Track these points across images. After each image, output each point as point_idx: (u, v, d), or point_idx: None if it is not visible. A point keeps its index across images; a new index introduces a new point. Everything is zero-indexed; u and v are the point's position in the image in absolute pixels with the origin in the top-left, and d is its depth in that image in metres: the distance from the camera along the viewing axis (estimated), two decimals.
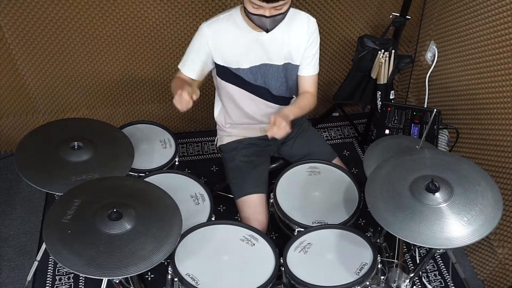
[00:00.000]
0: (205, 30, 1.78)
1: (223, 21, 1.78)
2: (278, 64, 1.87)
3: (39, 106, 2.62)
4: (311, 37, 1.86)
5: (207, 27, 1.78)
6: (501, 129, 2.11)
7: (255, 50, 1.81)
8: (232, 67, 1.84)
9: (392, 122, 2.21)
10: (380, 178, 1.58)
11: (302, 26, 1.83)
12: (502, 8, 2.01)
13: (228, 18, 1.78)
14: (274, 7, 1.60)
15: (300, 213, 1.83)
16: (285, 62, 1.87)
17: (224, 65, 1.84)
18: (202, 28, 1.79)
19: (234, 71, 1.84)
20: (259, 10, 1.61)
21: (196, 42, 1.82)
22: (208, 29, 1.78)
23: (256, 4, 1.59)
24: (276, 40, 1.80)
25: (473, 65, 2.25)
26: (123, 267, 1.34)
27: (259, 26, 1.68)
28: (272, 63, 1.86)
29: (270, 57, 1.84)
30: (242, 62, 1.83)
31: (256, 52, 1.82)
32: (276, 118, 1.68)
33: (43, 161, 1.70)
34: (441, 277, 2.32)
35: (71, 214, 1.44)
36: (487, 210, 1.44)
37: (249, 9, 1.63)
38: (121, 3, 2.28)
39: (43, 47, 2.36)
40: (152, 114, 2.83)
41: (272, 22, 1.65)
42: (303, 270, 1.62)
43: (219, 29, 1.78)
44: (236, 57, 1.82)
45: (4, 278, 2.21)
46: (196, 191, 1.90)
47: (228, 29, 1.78)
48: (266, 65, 1.85)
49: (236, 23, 1.77)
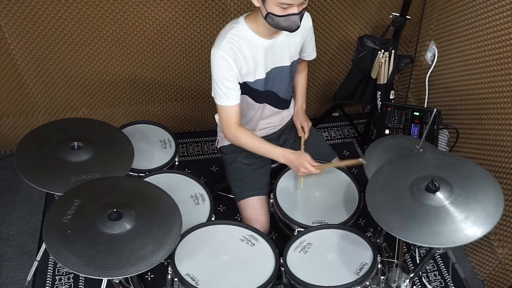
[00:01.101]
0: (224, 54, 1.68)
1: (235, 41, 1.70)
2: (287, 65, 1.87)
3: (39, 106, 2.62)
4: (309, 31, 1.90)
5: (224, 52, 1.67)
6: (501, 129, 2.11)
7: (268, 57, 1.79)
8: (250, 81, 1.80)
9: (392, 122, 2.21)
10: (380, 178, 1.58)
11: (306, 24, 1.85)
12: (502, 8, 2.01)
13: (236, 34, 1.71)
14: (301, 2, 1.59)
15: (300, 213, 1.83)
16: (292, 61, 1.88)
17: (243, 81, 1.79)
18: (219, 54, 1.68)
19: (252, 85, 1.81)
20: (288, 9, 1.58)
21: (222, 69, 1.71)
22: (226, 53, 1.68)
23: (286, 3, 1.56)
24: (283, 42, 1.80)
25: (473, 65, 2.25)
26: (123, 267, 1.34)
27: (286, 27, 1.64)
28: (282, 65, 1.86)
29: (280, 60, 1.84)
30: (258, 73, 1.80)
31: (269, 59, 1.80)
32: (302, 124, 2.05)
33: (43, 161, 1.70)
34: (441, 277, 2.32)
35: (71, 214, 1.44)
36: (487, 210, 1.44)
37: (277, 12, 1.59)
38: (121, 3, 2.28)
39: (43, 47, 2.36)
40: (152, 114, 2.83)
41: (301, 17, 1.64)
42: (303, 270, 1.62)
43: (235, 50, 1.70)
44: (253, 70, 1.78)
45: (4, 278, 2.21)
46: (196, 191, 1.90)
47: (242, 47, 1.71)
48: (276, 68, 1.85)
49: (247, 38, 1.72)
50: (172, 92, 2.73)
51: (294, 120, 2.10)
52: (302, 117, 2.09)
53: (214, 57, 1.70)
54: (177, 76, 2.66)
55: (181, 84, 2.70)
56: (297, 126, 2.07)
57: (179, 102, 2.80)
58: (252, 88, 1.83)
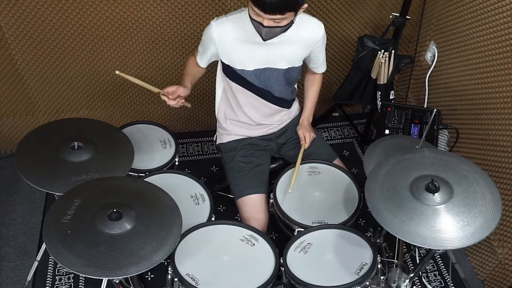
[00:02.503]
0: (212, 30, 1.77)
1: (231, 23, 1.77)
2: (282, 68, 1.86)
3: (39, 106, 2.62)
4: (320, 43, 1.87)
5: (214, 28, 1.77)
6: (501, 129, 2.11)
7: (260, 53, 1.80)
8: (237, 68, 1.84)
9: (392, 122, 2.21)
10: (380, 178, 1.58)
11: (312, 34, 1.82)
12: (502, 8, 2.01)
13: (236, 20, 1.77)
14: (272, 19, 1.58)
15: (300, 213, 1.83)
16: (289, 67, 1.87)
17: (229, 64, 1.84)
18: (210, 27, 1.78)
19: (239, 72, 1.84)
20: (258, 17, 1.60)
21: (204, 38, 1.84)
22: (215, 30, 1.77)
23: (255, 11, 1.58)
24: (284, 45, 1.79)
25: (473, 65, 2.25)
26: (123, 267, 1.34)
27: (257, 32, 1.67)
28: (276, 67, 1.85)
29: (275, 61, 1.84)
30: (247, 64, 1.82)
31: (261, 56, 1.81)
32: (305, 134, 2.04)
33: (43, 161, 1.70)
34: (441, 277, 2.32)
35: (71, 214, 1.44)
36: (486, 210, 1.44)
37: (250, 14, 1.63)
38: (121, 3, 2.28)
39: (43, 47, 2.36)
40: (152, 114, 2.83)
41: (269, 32, 1.64)
42: (303, 270, 1.62)
43: (225, 30, 1.77)
44: (241, 59, 1.82)
45: (4, 278, 2.21)
46: (196, 191, 1.90)
47: (234, 32, 1.77)
48: (270, 69, 1.85)
49: (244, 26, 1.75)
50: None
51: (297, 129, 2.09)
52: (306, 128, 2.08)
53: (209, 26, 1.79)
54: (177, 76, 2.66)
55: None
56: (300, 135, 2.05)
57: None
58: (242, 77, 1.85)
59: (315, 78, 2.10)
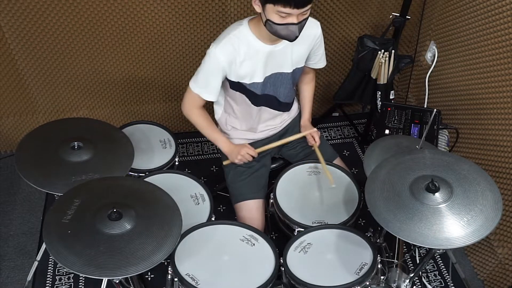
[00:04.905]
0: (218, 55, 1.70)
1: (235, 41, 1.71)
2: (288, 72, 1.86)
3: (39, 106, 2.62)
4: (317, 40, 1.87)
5: (220, 51, 1.70)
6: (501, 129, 2.10)
7: (268, 63, 1.78)
8: (247, 82, 1.80)
9: (392, 122, 2.21)
10: (380, 178, 1.58)
11: (310, 32, 1.82)
12: (502, 8, 2.01)
13: (238, 36, 1.71)
14: (302, 13, 1.56)
15: (300, 213, 1.83)
16: (294, 68, 1.87)
17: (238, 81, 1.80)
18: (214, 53, 1.70)
19: (248, 86, 1.82)
20: (287, 18, 1.56)
21: (212, 67, 1.74)
22: (221, 53, 1.70)
23: (284, 12, 1.53)
24: (287, 49, 1.79)
25: (473, 65, 2.25)
26: (123, 267, 1.34)
27: (284, 36, 1.63)
28: (282, 71, 1.85)
29: (281, 66, 1.83)
30: (256, 76, 1.80)
31: (269, 65, 1.79)
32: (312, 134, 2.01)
33: (43, 161, 1.70)
34: (441, 277, 2.32)
35: (71, 214, 1.44)
36: (487, 210, 1.44)
37: (275, 20, 1.57)
38: (121, 4, 2.28)
39: (43, 47, 2.36)
40: (152, 114, 2.83)
41: (300, 28, 1.61)
42: (303, 270, 1.62)
43: (233, 50, 1.71)
44: (251, 73, 1.78)
45: (4, 278, 2.21)
46: (196, 191, 1.90)
47: (241, 49, 1.72)
48: (276, 74, 1.84)
49: (248, 41, 1.72)
50: (173, 92, 2.74)
51: (301, 132, 2.07)
52: (310, 128, 2.07)
53: (210, 52, 1.72)
54: (177, 76, 2.66)
55: (181, 84, 2.70)
56: (308, 138, 2.03)
57: (179, 102, 2.78)
58: (249, 90, 1.83)
59: (310, 77, 2.10)
